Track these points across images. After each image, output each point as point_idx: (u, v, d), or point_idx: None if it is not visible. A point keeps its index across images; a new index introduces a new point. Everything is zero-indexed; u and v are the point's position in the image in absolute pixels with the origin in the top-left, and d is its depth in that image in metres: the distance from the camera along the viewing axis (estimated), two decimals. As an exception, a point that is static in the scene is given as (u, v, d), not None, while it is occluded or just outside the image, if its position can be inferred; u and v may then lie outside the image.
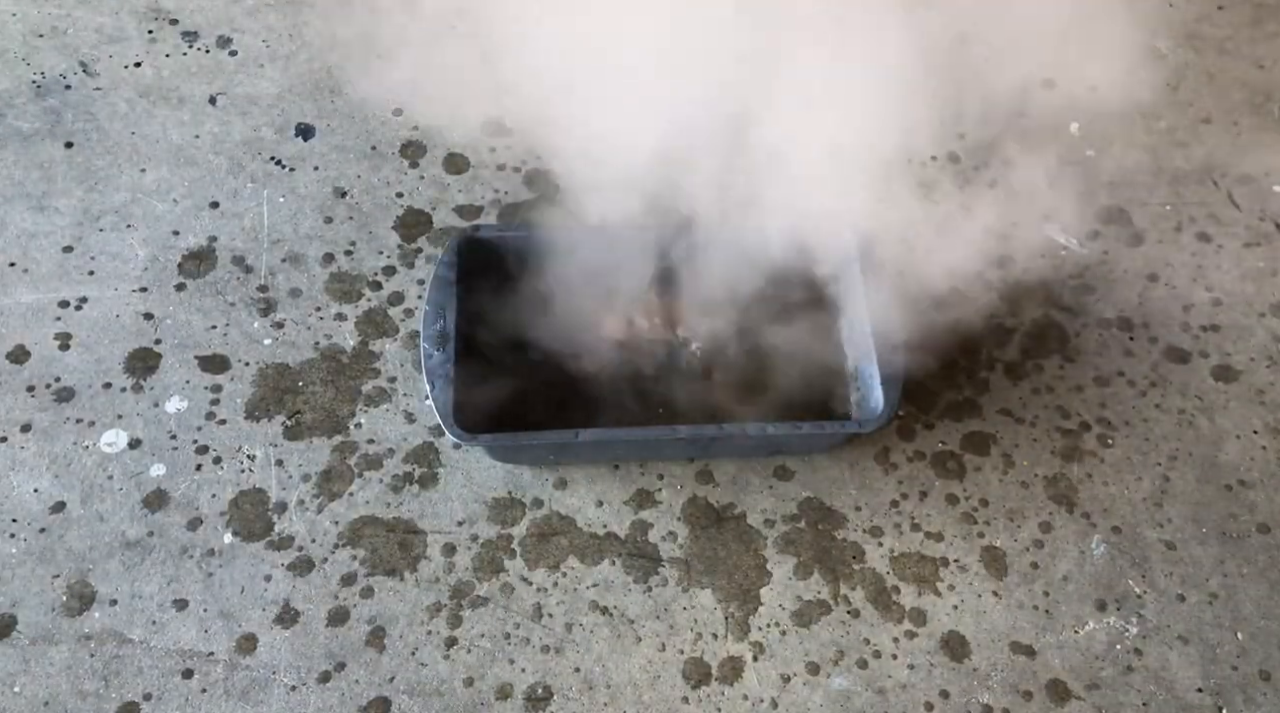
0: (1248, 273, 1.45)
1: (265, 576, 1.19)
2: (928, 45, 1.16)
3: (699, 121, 1.17)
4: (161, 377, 1.30)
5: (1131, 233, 1.48)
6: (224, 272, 1.38)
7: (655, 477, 1.27)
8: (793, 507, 1.26)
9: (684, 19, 1.12)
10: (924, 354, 1.32)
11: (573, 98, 1.19)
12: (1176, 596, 1.22)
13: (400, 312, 1.36)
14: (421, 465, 1.26)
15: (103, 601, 1.16)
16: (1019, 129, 1.55)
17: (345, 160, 1.48)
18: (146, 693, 1.12)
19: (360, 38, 1.56)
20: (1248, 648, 1.19)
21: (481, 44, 1.28)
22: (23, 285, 1.35)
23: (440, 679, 1.14)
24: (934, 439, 1.31)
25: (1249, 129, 1.58)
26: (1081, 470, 1.29)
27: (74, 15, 1.59)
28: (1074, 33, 1.38)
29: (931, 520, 1.25)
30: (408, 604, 1.18)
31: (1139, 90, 1.56)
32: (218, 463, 1.25)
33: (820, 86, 1.14)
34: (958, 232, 1.39)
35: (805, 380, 1.29)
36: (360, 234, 1.42)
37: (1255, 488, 1.29)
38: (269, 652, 1.15)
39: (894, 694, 1.15)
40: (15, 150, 1.46)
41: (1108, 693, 1.16)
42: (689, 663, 1.16)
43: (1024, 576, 1.22)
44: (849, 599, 1.20)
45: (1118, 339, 1.39)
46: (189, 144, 1.48)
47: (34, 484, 1.22)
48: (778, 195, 1.23)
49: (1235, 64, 1.64)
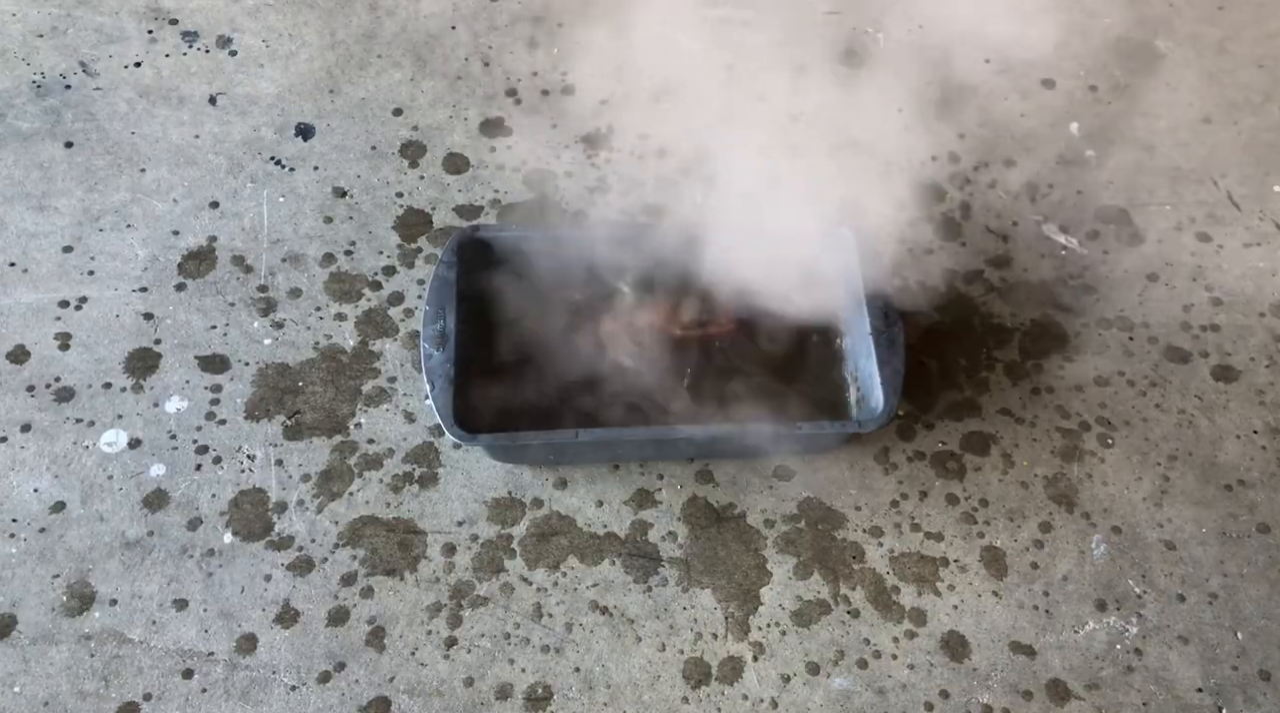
0: (1248, 273, 1.45)
1: (265, 575, 1.19)
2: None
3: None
4: (161, 377, 1.30)
5: (1131, 233, 1.48)
6: (224, 272, 1.38)
7: (655, 477, 1.27)
8: (793, 507, 1.26)
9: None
10: (923, 354, 1.32)
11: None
12: (1176, 596, 1.22)
13: (400, 312, 1.36)
14: (421, 465, 1.26)
15: (103, 600, 1.16)
16: (1020, 129, 1.55)
17: (345, 160, 1.48)
18: (146, 693, 1.12)
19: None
20: (1248, 648, 1.19)
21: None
22: (23, 285, 1.35)
23: (440, 679, 1.14)
24: (934, 439, 1.31)
25: (1249, 129, 1.58)
26: (1081, 470, 1.29)
27: (74, 15, 1.59)
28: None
29: (931, 520, 1.25)
30: (408, 604, 1.18)
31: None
32: (218, 463, 1.25)
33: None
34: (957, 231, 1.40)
35: (805, 380, 1.29)
36: (360, 234, 1.42)
37: (1255, 488, 1.29)
38: (269, 652, 1.15)
39: (894, 694, 1.15)
40: (15, 150, 1.46)
41: (1108, 693, 1.16)
42: (689, 663, 1.16)
43: (1024, 576, 1.22)
44: (849, 599, 1.20)
45: (1118, 339, 1.39)
46: (189, 144, 1.48)
47: (34, 484, 1.22)
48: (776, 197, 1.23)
49: (1235, 64, 1.64)
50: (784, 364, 1.30)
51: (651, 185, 1.48)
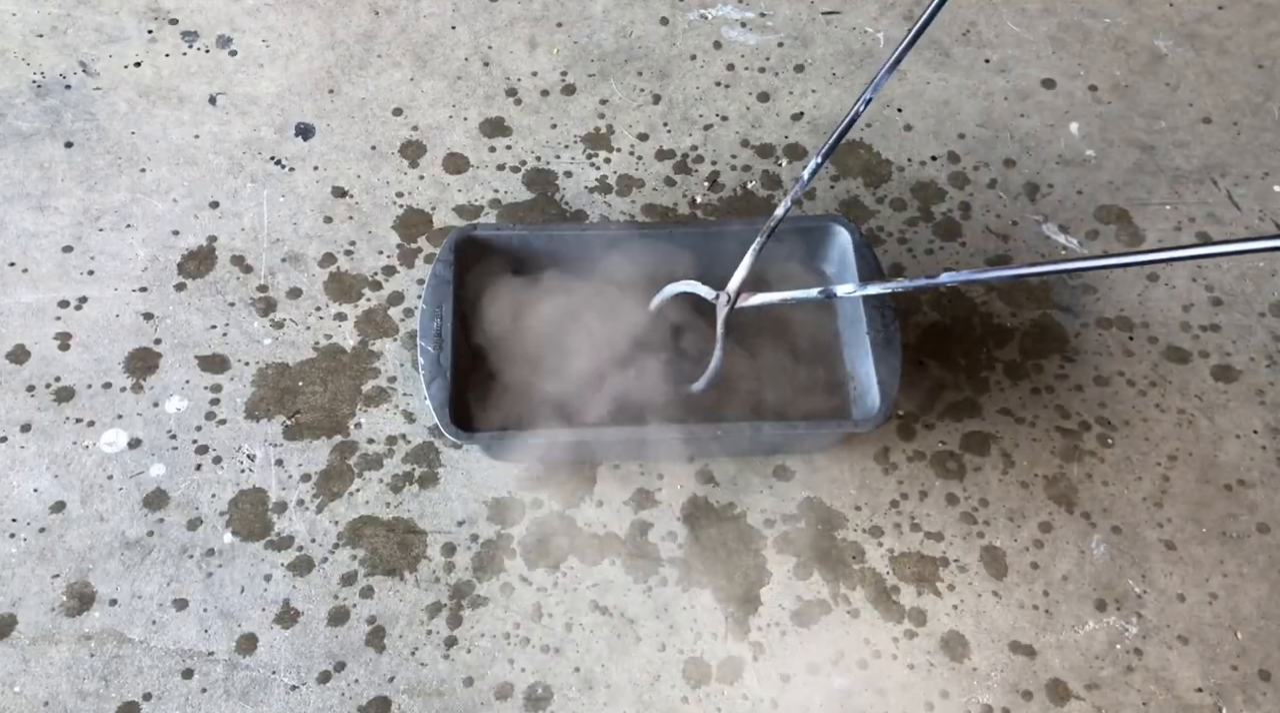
0: (1248, 273, 1.45)
1: (265, 575, 1.19)
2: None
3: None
4: (161, 376, 1.30)
5: (1131, 233, 1.48)
6: (224, 271, 1.38)
7: (655, 477, 1.27)
8: (793, 507, 1.26)
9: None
10: (923, 354, 1.32)
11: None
12: (1176, 596, 1.22)
13: (400, 311, 1.36)
14: (421, 465, 1.26)
15: (103, 600, 1.16)
16: (1020, 129, 1.55)
17: (345, 160, 1.48)
18: (146, 693, 1.12)
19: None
20: (1248, 648, 1.19)
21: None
22: (23, 285, 1.35)
23: (440, 679, 1.14)
24: (934, 439, 1.31)
25: (1249, 129, 1.58)
26: (1081, 470, 1.29)
27: (74, 15, 1.59)
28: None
29: (931, 520, 1.25)
30: (408, 604, 1.18)
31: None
32: (218, 463, 1.25)
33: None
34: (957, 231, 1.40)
35: (805, 378, 1.29)
36: (360, 234, 1.42)
37: (1255, 488, 1.29)
38: (269, 652, 1.15)
39: (894, 694, 1.15)
40: (15, 150, 1.46)
41: (1108, 693, 1.16)
42: (689, 663, 1.16)
43: (1024, 576, 1.22)
44: (849, 599, 1.20)
45: (1118, 339, 1.39)
46: (189, 144, 1.48)
47: (34, 484, 1.22)
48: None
49: (1235, 64, 1.64)
50: (784, 364, 1.30)
51: (651, 185, 1.48)
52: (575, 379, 1.26)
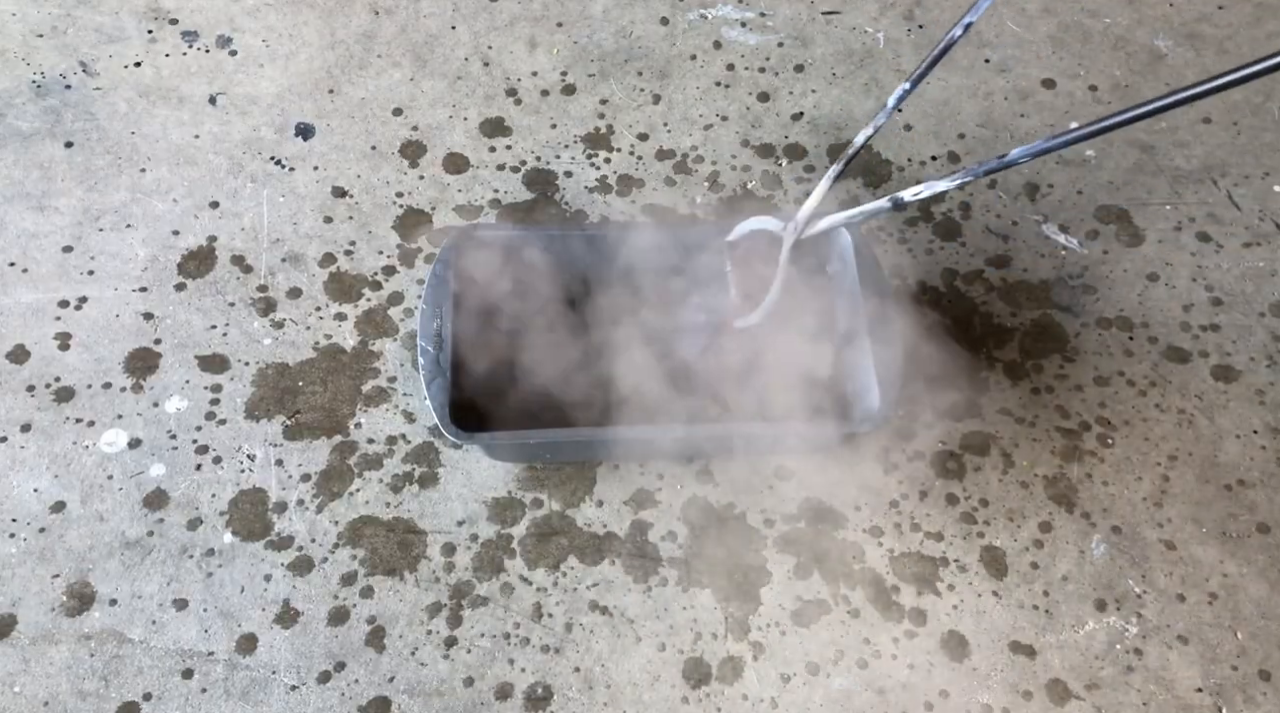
0: (1248, 273, 1.45)
1: (265, 575, 1.19)
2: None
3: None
4: (161, 376, 1.30)
5: (1131, 233, 1.48)
6: (224, 271, 1.38)
7: (655, 477, 1.27)
8: (793, 507, 1.26)
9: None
10: (923, 354, 1.32)
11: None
12: (1176, 596, 1.22)
13: (400, 311, 1.36)
14: (421, 465, 1.26)
15: (103, 600, 1.16)
16: (1020, 129, 1.55)
17: (345, 160, 1.48)
18: (146, 693, 1.12)
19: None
20: (1248, 648, 1.19)
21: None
22: (23, 285, 1.35)
23: (440, 679, 1.14)
24: (934, 439, 1.31)
25: (1249, 129, 1.58)
26: (1081, 470, 1.29)
27: (74, 15, 1.59)
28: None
29: (931, 520, 1.25)
30: (408, 604, 1.18)
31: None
32: (218, 463, 1.25)
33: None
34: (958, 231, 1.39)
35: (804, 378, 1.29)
36: (360, 234, 1.42)
37: (1255, 488, 1.29)
38: (269, 652, 1.15)
39: (894, 694, 1.15)
40: (15, 150, 1.46)
41: (1108, 693, 1.16)
42: (689, 663, 1.16)
43: (1024, 576, 1.22)
44: (849, 599, 1.20)
45: (1118, 339, 1.39)
46: (189, 144, 1.48)
47: (34, 484, 1.22)
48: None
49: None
50: (783, 363, 1.30)
51: (651, 185, 1.48)
52: (573, 378, 1.26)
